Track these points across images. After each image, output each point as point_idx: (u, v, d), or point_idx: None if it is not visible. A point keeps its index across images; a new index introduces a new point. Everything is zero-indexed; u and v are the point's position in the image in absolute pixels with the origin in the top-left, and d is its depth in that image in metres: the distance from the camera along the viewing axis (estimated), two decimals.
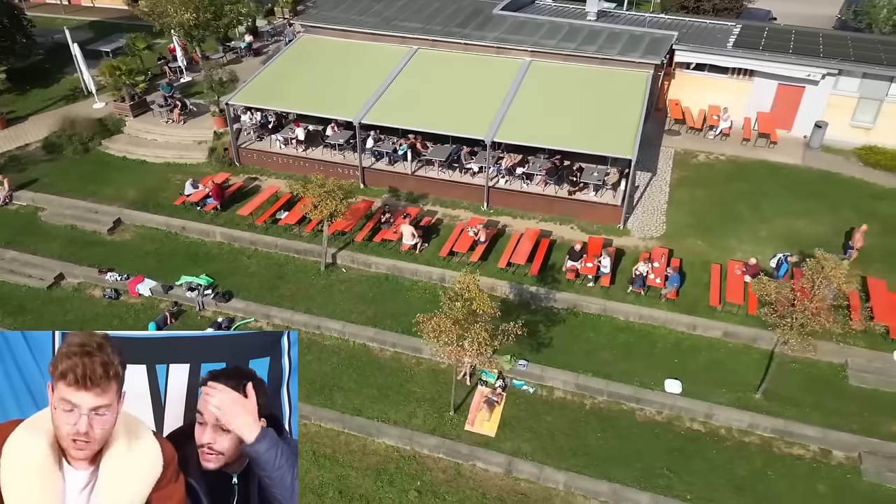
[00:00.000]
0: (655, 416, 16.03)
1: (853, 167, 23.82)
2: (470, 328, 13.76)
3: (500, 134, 21.75)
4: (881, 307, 17.44)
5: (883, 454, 14.70)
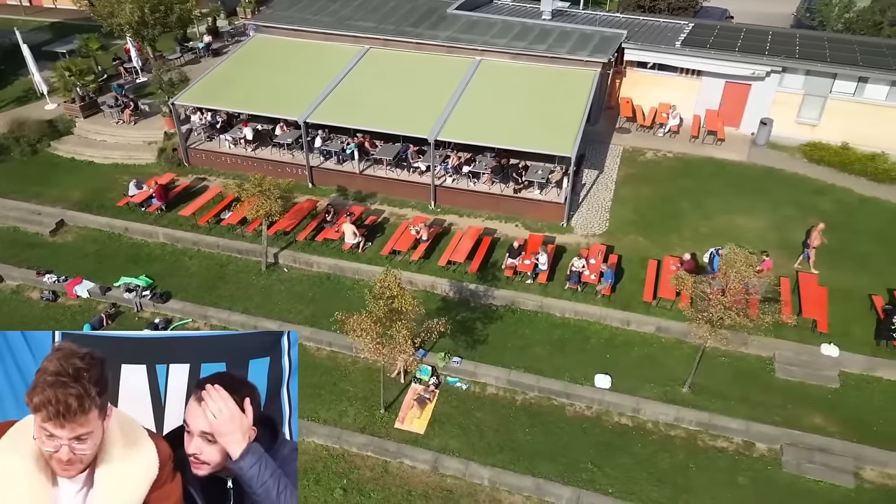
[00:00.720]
0: (585, 411, 16.13)
1: (797, 163, 24.11)
2: (391, 326, 13.78)
3: (443, 133, 21.81)
4: (810, 301, 17.66)
5: (803, 446, 14.88)
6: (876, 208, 21.82)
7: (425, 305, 18.87)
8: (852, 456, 14.64)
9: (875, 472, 14.54)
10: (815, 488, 14.29)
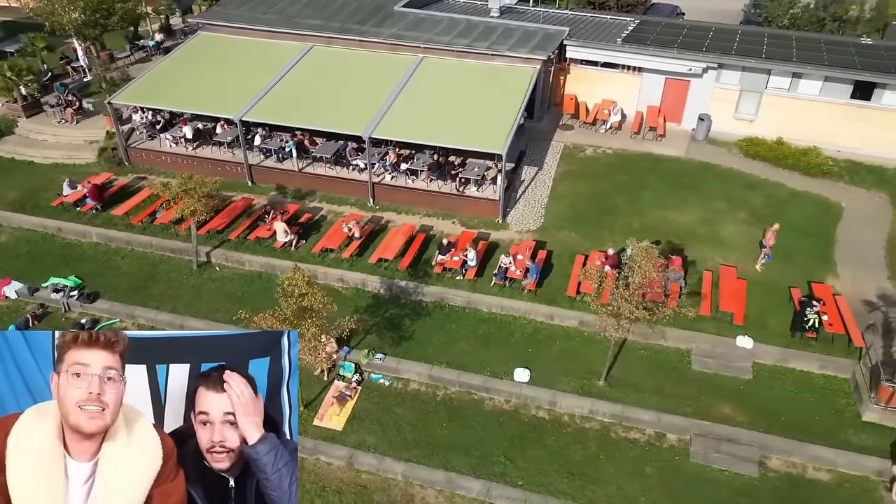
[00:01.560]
0: (503, 405, 16.32)
1: (733, 158, 24.45)
2: (301, 325, 13.86)
3: (378, 131, 21.87)
4: (728, 295, 17.96)
5: (712, 436, 15.17)
6: (805, 202, 22.19)
7: (355, 302, 19.11)
8: (758, 445, 14.95)
9: (780, 460, 14.86)
10: (719, 477, 14.58)
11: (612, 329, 14.54)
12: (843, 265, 19.62)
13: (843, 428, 15.31)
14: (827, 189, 22.71)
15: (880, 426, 15.23)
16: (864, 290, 18.64)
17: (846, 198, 22.33)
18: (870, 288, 18.72)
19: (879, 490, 14.22)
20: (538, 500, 14.17)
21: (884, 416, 15.23)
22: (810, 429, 15.29)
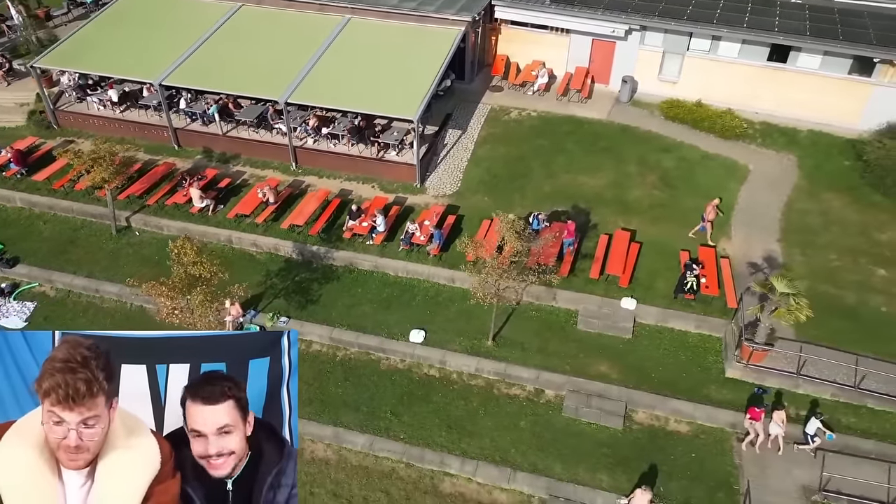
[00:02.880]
0: (398, 365, 17.31)
1: (654, 121, 24.89)
2: (190, 292, 14.59)
3: (295, 95, 22.11)
4: (616, 259, 18.80)
5: (584, 392, 16.27)
6: (714, 165, 22.82)
7: (268, 267, 19.84)
8: (626, 400, 16.07)
9: (645, 414, 16.02)
10: (586, 430, 15.74)
11: (482, 294, 15.37)
12: (738, 228, 20.44)
13: (708, 384, 16.44)
14: (738, 151, 23.31)
15: (741, 382, 16.36)
16: (753, 253, 19.55)
17: (755, 160, 22.97)
18: (758, 250, 19.61)
19: (731, 440, 15.44)
20: (416, 452, 15.32)
21: (744, 373, 16.35)
22: (677, 385, 16.42)
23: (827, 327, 17.27)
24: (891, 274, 18.85)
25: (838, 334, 17.09)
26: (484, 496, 14.78)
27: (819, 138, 23.54)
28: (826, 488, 14.22)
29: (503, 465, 15.09)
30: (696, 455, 15.17)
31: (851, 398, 15.77)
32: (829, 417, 15.52)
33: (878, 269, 19.00)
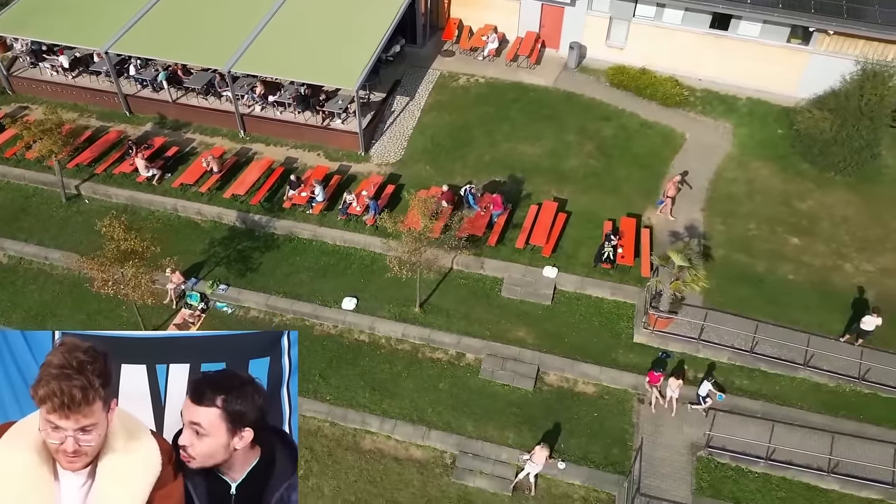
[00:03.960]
0: (330, 330, 18.35)
1: (599, 88, 25.24)
2: (124, 266, 15.45)
3: (239, 65, 22.39)
4: (540, 229, 19.61)
5: (500, 356, 17.39)
6: (652, 133, 23.35)
7: (212, 235, 20.65)
8: (538, 364, 17.21)
9: (555, 376, 17.18)
10: (500, 391, 16.92)
11: (397, 267, 16.25)
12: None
13: (617, 348, 17.56)
14: (677, 119, 23.82)
15: (647, 347, 17.48)
16: (676, 222, 20.36)
17: (692, 128, 23.51)
18: (682, 220, 20.43)
19: (632, 401, 16.66)
20: (340, 412, 16.53)
21: (650, 339, 17.45)
22: (588, 349, 17.54)
23: (734, 294, 18.33)
24: (804, 242, 19.76)
25: (744, 301, 18.14)
26: (401, 452, 16.06)
27: (757, 106, 24.02)
28: (711, 445, 15.51)
29: (419, 423, 16.33)
30: (598, 414, 16.41)
31: (746, 362, 16.92)
32: (724, 380, 16.73)
33: (792, 237, 19.89)
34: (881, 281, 18.70)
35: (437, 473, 15.63)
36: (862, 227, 20.10)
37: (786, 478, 15.14)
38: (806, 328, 17.42)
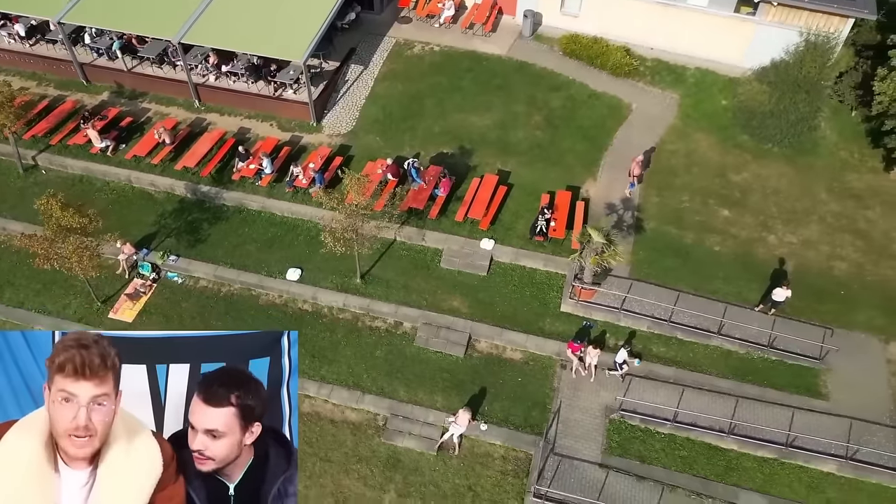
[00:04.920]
0: (275, 300, 19.24)
1: (551, 57, 25.46)
2: (65, 241, 16.17)
3: (190, 35, 22.57)
4: (478, 202, 20.28)
5: (435, 324, 18.34)
6: (599, 104, 23.77)
7: (164, 206, 21.30)
8: (470, 332, 18.17)
9: (485, 343, 18.17)
10: (432, 357, 17.93)
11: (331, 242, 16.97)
12: (606, 169, 21.81)
13: (544, 317, 18.50)
14: (626, 90, 24.19)
15: (573, 316, 18.43)
16: (613, 194, 21.05)
17: (639, 99, 23.91)
18: (618, 191, 21.10)
19: (555, 367, 17.70)
20: None
21: (575, 308, 18.39)
22: (517, 318, 18.48)
23: (661, 265, 19.21)
24: (733, 214, 20.52)
25: (669, 272, 19.03)
26: (337, 415, 17.17)
27: (704, 76, 24.37)
28: (624, 408, 16.63)
29: (355, 388, 17.40)
30: (522, 379, 17.48)
31: (664, 330, 17.91)
32: (642, 347, 17.76)
33: (723, 210, 20.64)
34: (802, 252, 19.56)
35: (370, 434, 16.78)
36: (791, 199, 20.83)
37: (690, 438, 16.31)
38: (724, 298, 18.37)
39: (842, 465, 15.53)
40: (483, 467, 16.20)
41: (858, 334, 17.77)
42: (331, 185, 21.15)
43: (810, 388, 16.87)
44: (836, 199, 20.83)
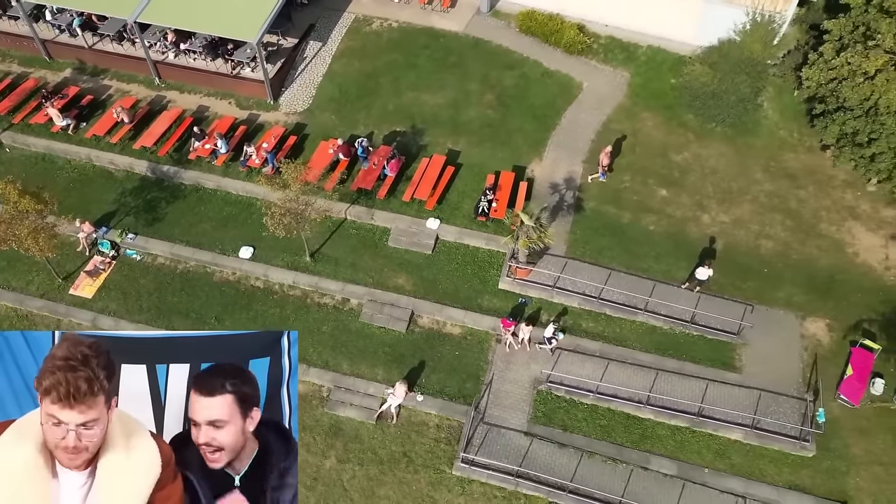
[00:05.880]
0: (229, 277, 20.15)
1: (508, 34, 25.72)
2: (21, 225, 16.98)
3: (146, 14, 22.86)
4: (425, 182, 21.01)
5: (380, 301, 19.33)
6: (551, 83, 24.21)
7: (124, 185, 22.01)
8: (412, 308, 19.17)
9: (427, 319, 19.19)
10: (376, 332, 18.97)
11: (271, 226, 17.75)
12: (552, 149, 22.47)
13: (483, 294, 19.48)
14: (578, 68, 24.60)
15: (510, 293, 19.41)
16: (557, 174, 21.79)
17: (591, 78, 24.36)
18: (562, 172, 21.84)
19: (491, 341, 18.76)
20: None
21: (512, 286, 19.36)
22: (458, 294, 19.47)
23: (596, 244, 20.11)
24: (670, 194, 21.31)
25: (604, 250, 19.95)
26: None
27: (656, 55, 24.75)
28: (551, 380, 17.76)
29: (301, 362, 18.47)
30: (458, 353, 18.57)
31: (594, 307, 18.92)
32: (572, 323, 18.81)
33: (661, 189, 21.42)
34: (732, 231, 20.45)
35: (314, 405, 17.94)
36: (727, 179, 21.60)
37: (610, 408, 17.50)
38: (654, 276, 19.34)
39: (747, 434, 16.76)
40: (418, 435, 17.42)
41: (777, 310, 18.81)
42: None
43: (725, 362, 18.00)
44: (770, 178, 21.60)
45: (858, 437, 16.83)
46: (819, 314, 18.74)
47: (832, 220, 20.62)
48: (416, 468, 16.97)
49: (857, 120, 18.38)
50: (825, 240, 20.23)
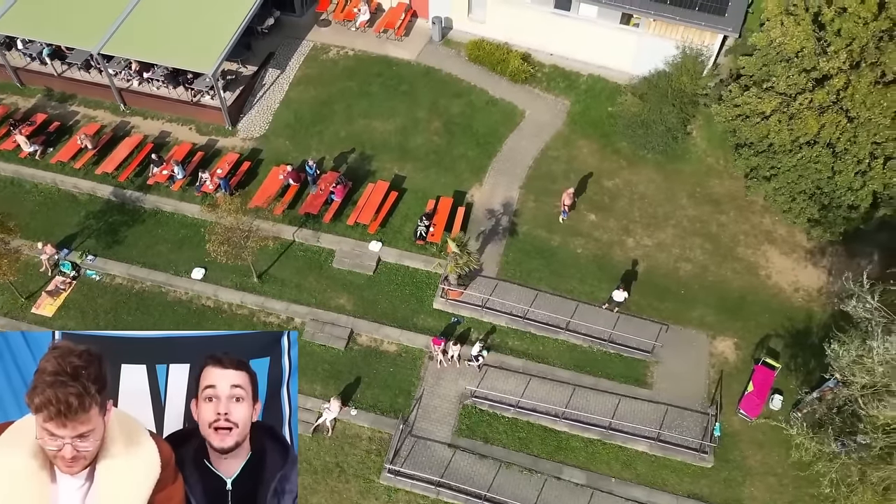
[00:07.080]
0: (181, 297, 21.46)
1: (457, 63, 27.11)
2: None
3: (110, 46, 24.21)
4: (368, 207, 22.34)
5: (321, 320, 20.66)
6: (495, 111, 25.57)
7: (87, 208, 23.31)
8: (352, 327, 20.50)
9: (366, 337, 20.53)
10: (317, 350, 20.29)
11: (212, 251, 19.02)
12: (492, 175, 23.82)
13: (419, 313, 20.83)
14: (522, 97, 25.97)
15: (443, 313, 20.76)
16: (494, 200, 23.14)
17: (533, 106, 25.74)
18: (500, 197, 23.19)
19: (424, 358, 20.09)
20: None
21: (445, 306, 20.71)
22: (395, 314, 20.81)
23: (526, 267, 21.47)
24: (599, 219, 22.67)
25: (533, 272, 21.31)
26: None
27: (595, 83, 26.14)
28: (476, 395, 19.10)
29: None
30: (393, 370, 19.90)
31: (520, 326, 20.27)
32: (499, 341, 20.16)
33: (590, 214, 22.78)
34: (654, 255, 21.82)
35: None
36: (654, 204, 22.98)
37: (529, 422, 18.85)
38: (577, 297, 20.70)
39: (652, 446, 18.12)
40: (351, 447, 18.74)
41: (690, 330, 20.20)
42: (240, 187, 23.24)
43: (638, 379, 19.37)
44: (695, 204, 23.00)
45: (755, 450, 18.20)
46: (728, 333, 20.13)
47: (749, 244, 22.01)
48: (347, 478, 18.28)
49: (759, 156, 19.78)
50: (741, 262, 21.62)
